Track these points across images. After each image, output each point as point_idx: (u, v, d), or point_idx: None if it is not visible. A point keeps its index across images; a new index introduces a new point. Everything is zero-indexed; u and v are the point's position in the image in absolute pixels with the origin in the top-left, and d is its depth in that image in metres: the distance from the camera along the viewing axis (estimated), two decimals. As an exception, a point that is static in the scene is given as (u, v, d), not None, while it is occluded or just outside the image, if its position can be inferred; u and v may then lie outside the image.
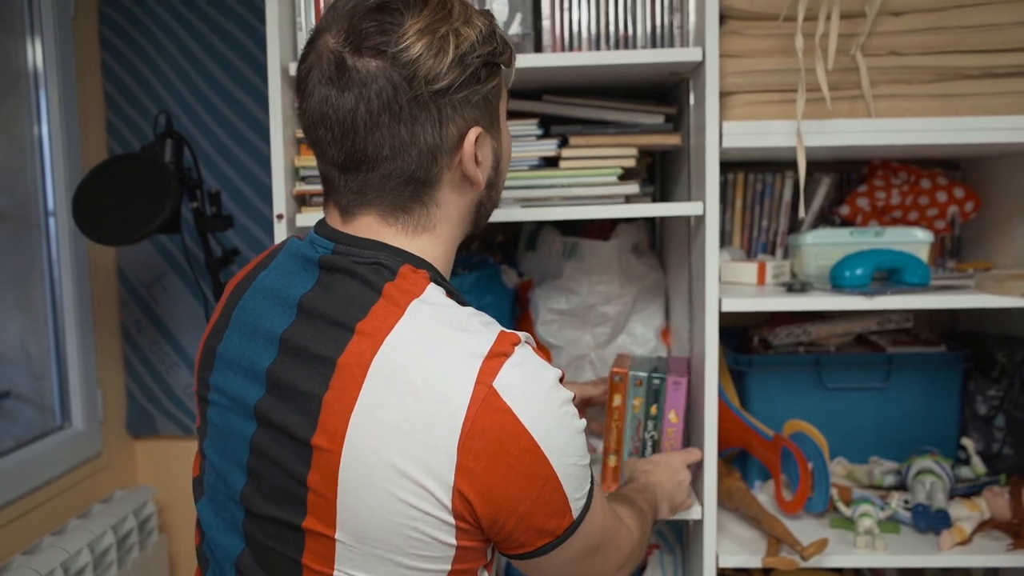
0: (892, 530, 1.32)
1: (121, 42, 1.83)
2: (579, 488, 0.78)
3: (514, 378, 0.74)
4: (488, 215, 0.91)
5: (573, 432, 0.77)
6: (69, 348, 1.75)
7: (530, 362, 0.76)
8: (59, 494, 1.65)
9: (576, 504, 0.78)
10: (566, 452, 0.76)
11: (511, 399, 0.73)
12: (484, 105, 0.82)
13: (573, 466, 0.77)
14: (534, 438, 0.73)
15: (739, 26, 1.21)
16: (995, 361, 1.47)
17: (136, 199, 1.51)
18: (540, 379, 0.76)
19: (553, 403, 0.75)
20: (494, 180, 0.88)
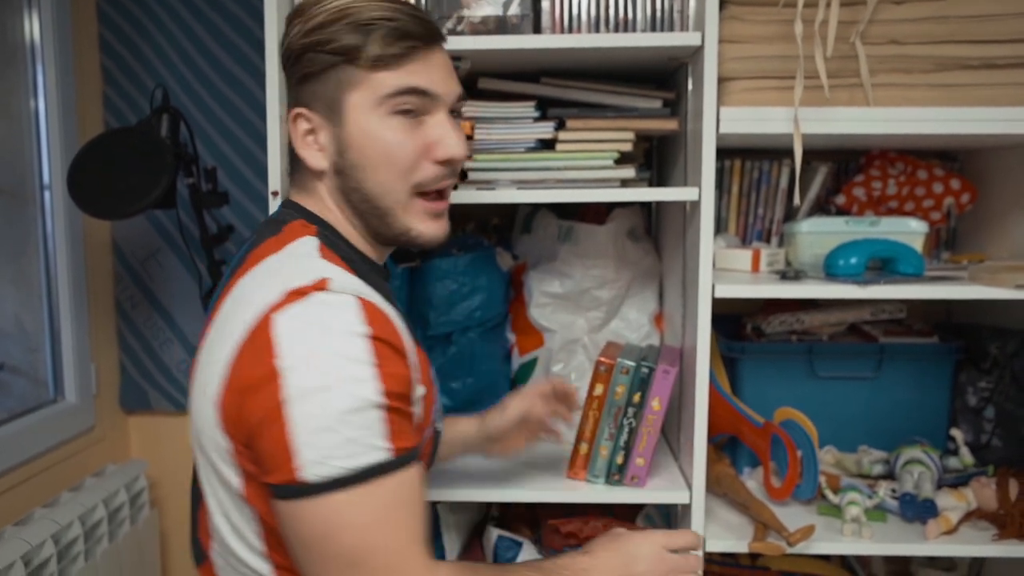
0: (879, 518, 1.33)
1: (119, 16, 1.81)
2: (320, 450, 0.73)
3: (295, 313, 0.76)
4: (365, 208, 0.92)
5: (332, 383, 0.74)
6: (63, 322, 1.75)
7: (323, 309, 0.77)
8: (51, 467, 1.65)
9: (310, 466, 0.73)
10: (311, 399, 0.73)
11: (277, 331, 0.75)
12: (315, 91, 0.90)
13: (318, 419, 0.73)
14: (276, 368, 0.74)
15: (739, 11, 1.20)
16: (987, 353, 1.48)
17: (132, 173, 1.51)
18: (323, 323, 0.76)
19: (320, 349, 0.74)
20: (341, 168, 0.90)
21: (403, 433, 0.78)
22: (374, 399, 0.75)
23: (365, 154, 0.89)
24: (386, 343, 0.78)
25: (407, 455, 0.78)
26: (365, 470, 0.74)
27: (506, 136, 1.26)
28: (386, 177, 0.89)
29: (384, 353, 0.77)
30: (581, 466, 1.31)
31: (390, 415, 0.76)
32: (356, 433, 0.74)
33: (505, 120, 1.27)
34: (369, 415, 0.74)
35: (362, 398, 0.74)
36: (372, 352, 0.76)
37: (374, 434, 0.75)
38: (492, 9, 1.24)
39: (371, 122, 0.88)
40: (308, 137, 0.91)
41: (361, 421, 0.74)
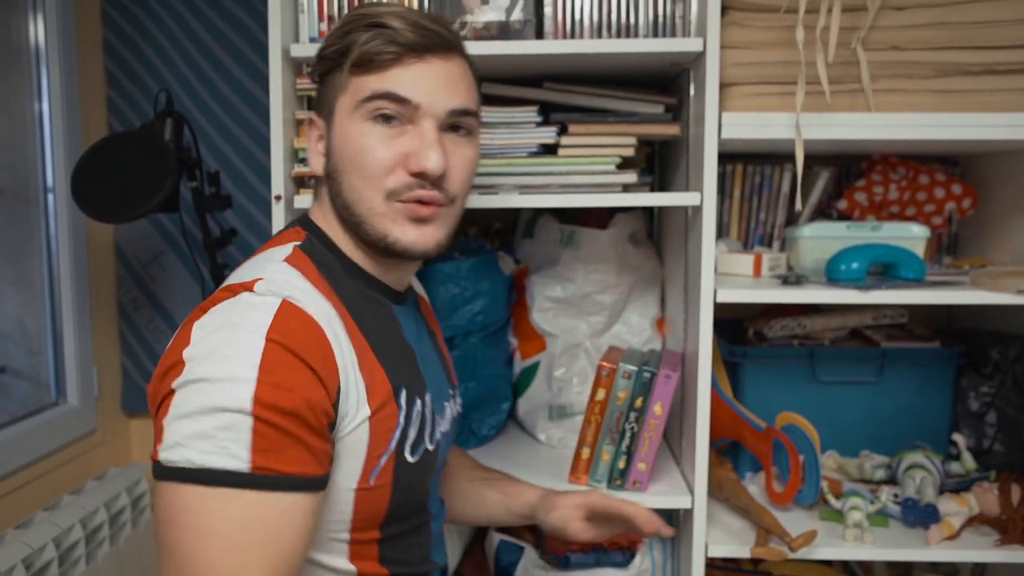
0: (881, 523, 1.33)
1: (123, 19, 1.82)
2: (177, 435, 0.71)
3: (216, 311, 0.77)
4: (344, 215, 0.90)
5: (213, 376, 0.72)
6: (65, 324, 1.75)
7: (242, 308, 0.76)
8: (53, 470, 1.66)
9: (166, 448, 0.71)
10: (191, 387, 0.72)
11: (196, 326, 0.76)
12: (321, 96, 0.93)
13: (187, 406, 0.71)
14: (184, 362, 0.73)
15: (740, 17, 1.20)
16: (989, 358, 1.48)
17: (135, 177, 1.51)
18: (231, 322, 0.75)
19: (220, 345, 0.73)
20: (329, 171, 0.91)
21: (278, 453, 0.72)
22: (244, 405, 0.71)
23: (342, 158, 0.89)
24: (290, 352, 0.74)
25: (276, 479, 0.72)
26: (211, 471, 0.70)
27: (509, 141, 1.27)
28: (358, 182, 0.87)
29: (281, 362, 0.73)
30: (583, 471, 1.32)
31: (261, 427, 0.71)
32: (215, 432, 0.70)
33: (508, 125, 1.27)
34: (234, 419, 0.71)
35: (233, 398, 0.71)
36: (264, 357, 0.72)
37: (235, 441, 0.70)
38: (495, 15, 1.24)
39: (350, 126, 0.88)
40: (318, 143, 0.93)
41: (224, 422, 0.70)
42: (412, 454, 0.89)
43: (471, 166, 0.93)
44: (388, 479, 0.86)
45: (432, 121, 0.87)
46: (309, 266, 0.86)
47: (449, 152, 0.88)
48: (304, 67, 1.27)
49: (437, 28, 0.87)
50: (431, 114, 0.87)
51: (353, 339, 0.83)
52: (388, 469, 0.86)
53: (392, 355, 0.89)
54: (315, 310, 0.79)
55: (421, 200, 0.88)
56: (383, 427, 0.85)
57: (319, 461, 0.76)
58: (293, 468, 0.73)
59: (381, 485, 0.85)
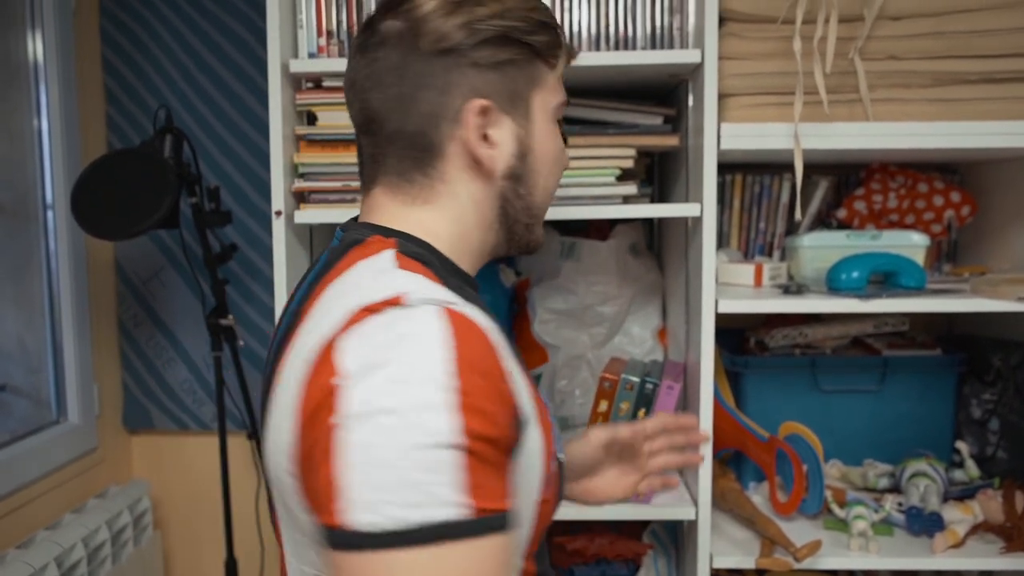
0: (886, 532, 1.33)
1: (122, 36, 1.83)
2: (372, 491, 0.57)
3: (365, 334, 0.62)
4: (521, 218, 0.83)
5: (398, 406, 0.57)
6: (66, 342, 1.75)
7: (402, 326, 0.61)
8: (54, 488, 1.65)
9: (358, 509, 0.57)
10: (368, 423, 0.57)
11: (342, 353, 0.61)
12: (500, 82, 0.77)
13: (374, 450, 0.57)
14: (336, 385, 0.59)
15: (738, 28, 1.21)
16: (990, 365, 1.48)
17: (135, 194, 1.51)
18: (399, 342, 0.60)
19: (388, 366, 0.59)
20: (519, 172, 0.80)
21: (488, 489, 0.59)
22: (450, 437, 0.57)
23: (543, 159, 0.82)
24: (475, 366, 0.61)
25: (492, 519, 0.59)
26: (428, 528, 0.56)
27: (508, 154, 1.27)
28: (552, 185, 0.85)
29: (473, 379, 0.60)
30: (586, 482, 1.31)
31: (471, 461, 0.58)
32: (420, 476, 0.57)
33: (507, 138, 1.27)
34: (441, 456, 0.57)
35: (434, 432, 0.57)
36: (456, 376, 0.59)
37: (445, 483, 0.57)
38: (493, 28, 1.25)
39: (548, 127, 0.82)
40: (494, 131, 0.78)
41: (429, 462, 0.57)
42: (561, 451, 0.82)
43: None
44: (555, 486, 0.77)
45: None
46: (422, 268, 0.72)
47: None
48: (304, 82, 1.27)
49: None
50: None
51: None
52: (555, 475, 0.77)
53: (516, 355, 0.78)
54: (476, 315, 0.66)
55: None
56: (546, 428, 0.75)
57: (510, 490, 0.64)
58: (501, 503, 0.60)
59: (553, 493, 0.77)
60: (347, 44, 1.27)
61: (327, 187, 1.24)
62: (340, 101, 1.23)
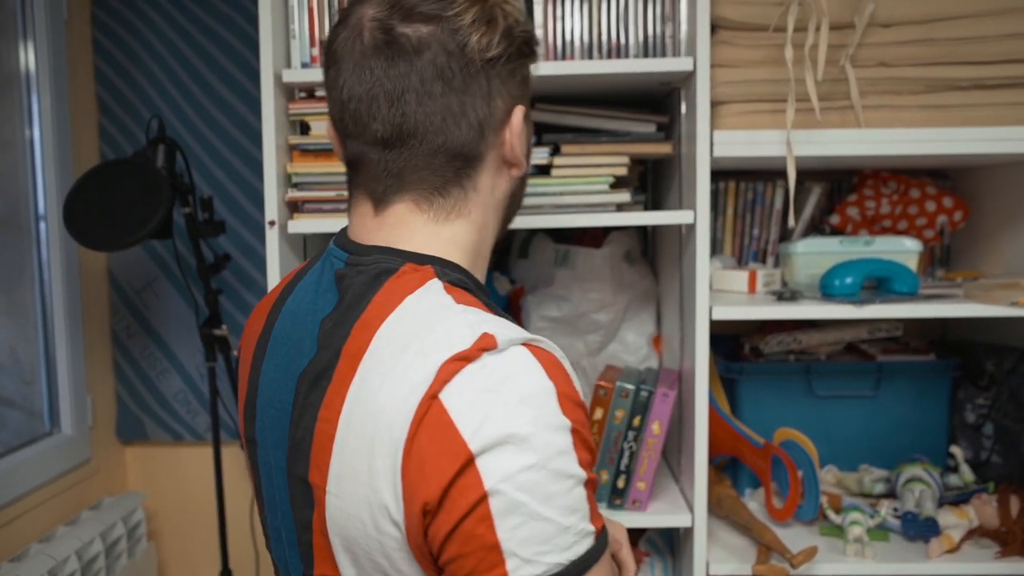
0: (881, 538, 1.33)
1: (114, 46, 1.83)
2: (531, 546, 0.59)
3: (467, 385, 0.61)
4: (516, 211, 0.85)
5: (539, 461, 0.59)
6: (59, 353, 1.74)
7: (501, 369, 0.62)
8: (47, 500, 1.64)
9: (520, 567, 0.59)
10: (514, 481, 0.59)
11: (456, 410, 0.60)
12: (524, 85, 0.79)
13: (527, 508, 0.59)
14: (472, 452, 0.59)
15: (730, 36, 1.21)
16: (984, 370, 1.48)
17: (128, 204, 1.51)
18: (505, 388, 0.61)
19: (515, 421, 0.60)
20: (525, 169, 0.82)
21: (597, 507, 0.65)
22: (579, 473, 0.61)
23: (526, 150, 0.82)
24: (574, 400, 0.64)
25: (605, 535, 0.65)
26: (575, 563, 0.61)
27: (502, 162, 1.27)
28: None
29: (575, 414, 0.63)
30: (582, 491, 1.31)
31: (589, 490, 0.63)
32: (567, 519, 0.60)
33: (500, 146, 1.27)
34: (576, 494, 0.61)
35: (569, 474, 0.61)
36: (565, 415, 0.62)
37: (582, 516, 0.62)
38: (486, 37, 1.25)
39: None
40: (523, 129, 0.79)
41: (570, 503, 0.61)
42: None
43: None
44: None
45: None
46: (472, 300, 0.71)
47: None
48: (296, 92, 1.27)
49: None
50: None
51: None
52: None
53: None
54: (550, 344, 0.68)
55: None
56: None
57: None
58: (602, 520, 0.66)
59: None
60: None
61: (320, 197, 1.24)
62: (333, 111, 1.23)
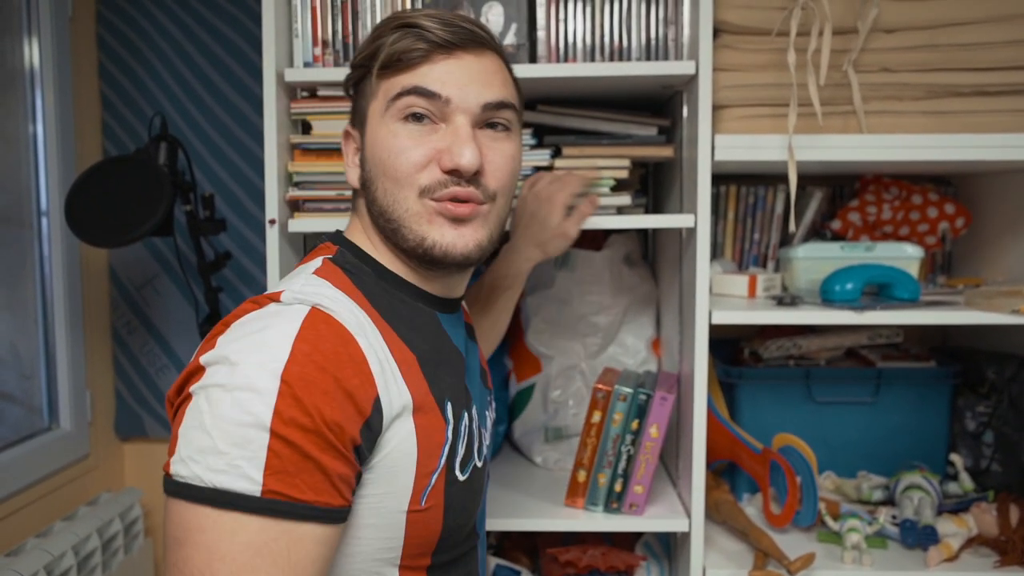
0: (879, 545, 1.32)
1: (118, 44, 1.83)
2: (189, 448, 0.66)
3: (245, 320, 0.73)
4: (380, 223, 0.85)
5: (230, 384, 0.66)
6: (58, 348, 1.74)
7: (272, 316, 0.72)
8: (45, 495, 1.64)
9: (177, 461, 0.66)
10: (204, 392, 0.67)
11: (223, 335, 0.72)
12: (354, 108, 0.91)
13: (201, 416, 0.66)
14: (200, 363, 0.69)
15: (732, 40, 1.21)
16: (985, 377, 1.48)
17: (129, 201, 1.51)
18: (260, 326, 0.71)
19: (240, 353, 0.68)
20: (364, 181, 0.87)
21: (294, 477, 0.66)
22: (262, 420, 0.65)
23: (375, 163, 0.84)
24: (318, 364, 0.68)
25: (290, 506, 0.66)
26: (218, 492, 0.64)
27: (503, 163, 1.27)
28: (392, 185, 0.83)
29: (307, 374, 0.67)
30: (579, 494, 1.31)
31: (278, 446, 0.65)
32: (228, 448, 0.64)
33: (502, 147, 1.27)
34: (250, 435, 0.65)
35: (250, 412, 0.65)
36: (288, 367, 0.67)
37: (248, 460, 0.64)
38: (488, 38, 1.25)
39: (381, 129, 0.84)
40: (354, 156, 0.90)
41: (238, 437, 0.65)
42: (462, 472, 0.83)
43: (512, 163, 0.88)
44: (439, 500, 0.80)
45: (465, 116, 0.83)
46: (340, 276, 0.81)
47: (486, 148, 0.84)
48: (298, 91, 1.28)
49: (468, 25, 0.84)
50: (463, 109, 0.83)
51: (393, 348, 0.78)
52: (439, 489, 0.80)
53: (437, 367, 0.83)
54: (347, 317, 0.74)
55: (457, 197, 0.82)
56: (430, 441, 0.79)
57: (338, 490, 0.69)
58: (308, 496, 0.66)
59: (432, 507, 0.79)
60: (342, 54, 1.27)
61: (321, 196, 1.24)
62: (335, 110, 1.23)
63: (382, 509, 0.76)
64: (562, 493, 1.33)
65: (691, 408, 1.25)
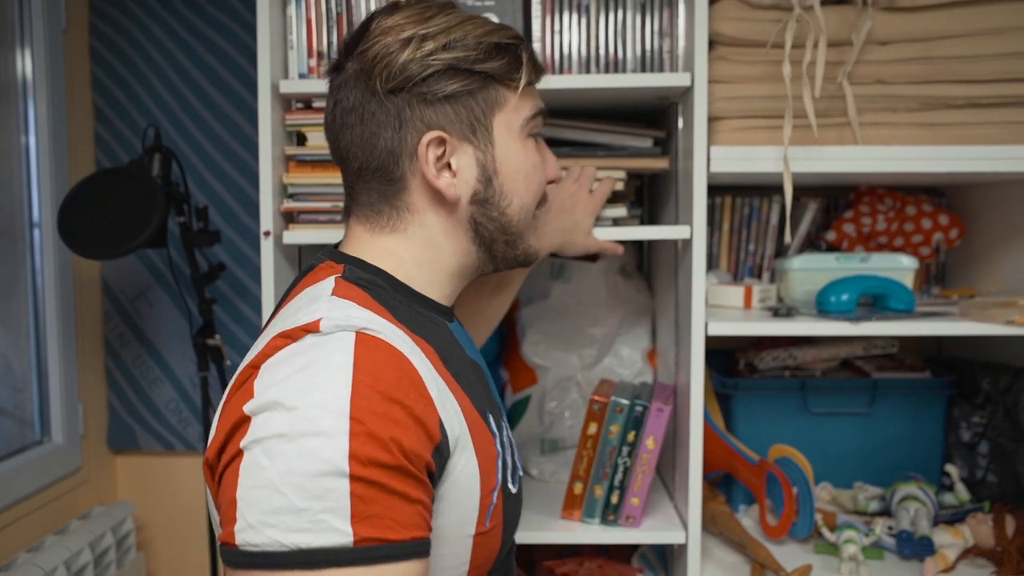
0: (876, 556, 1.32)
1: (111, 55, 1.82)
2: (257, 512, 0.60)
3: (282, 359, 0.66)
4: (498, 237, 0.85)
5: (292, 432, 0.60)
6: (51, 361, 1.73)
7: (315, 350, 0.65)
8: (37, 509, 1.63)
9: (243, 528, 0.60)
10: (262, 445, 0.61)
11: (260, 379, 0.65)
12: (454, 112, 0.80)
13: (264, 473, 0.60)
14: (245, 413, 0.63)
15: (727, 52, 1.21)
16: (979, 388, 1.48)
17: (123, 213, 1.50)
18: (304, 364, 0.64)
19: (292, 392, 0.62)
20: (485, 196, 0.83)
21: (384, 518, 0.61)
22: (339, 465, 0.59)
23: (512, 178, 0.84)
24: (381, 392, 0.63)
25: (386, 549, 0.61)
26: (306, 552, 0.58)
27: (498, 175, 1.27)
28: (528, 200, 0.87)
29: (374, 406, 0.62)
30: (576, 506, 1.30)
31: (362, 489, 0.60)
32: (306, 503, 0.59)
33: (497, 159, 1.27)
34: (328, 484, 0.59)
35: (323, 459, 0.59)
36: (353, 402, 0.61)
37: (331, 511, 0.59)
38: (484, 50, 1.25)
39: (516, 145, 0.85)
40: (440, 164, 0.81)
41: (316, 489, 0.59)
42: (514, 484, 0.81)
43: None
44: (499, 518, 0.77)
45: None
46: (360, 294, 0.76)
47: None
48: (293, 103, 1.27)
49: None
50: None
51: (434, 364, 0.74)
52: (499, 507, 0.77)
53: (468, 377, 0.81)
54: (394, 338, 0.69)
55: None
56: (487, 458, 0.75)
57: (425, 520, 0.65)
58: (403, 534, 0.62)
59: (495, 526, 0.76)
60: (337, 65, 1.27)
61: (316, 207, 1.24)
62: (330, 121, 1.23)
63: (451, 537, 0.72)
64: (558, 505, 1.33)
65: (687, 419, 1.24)
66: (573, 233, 1.19)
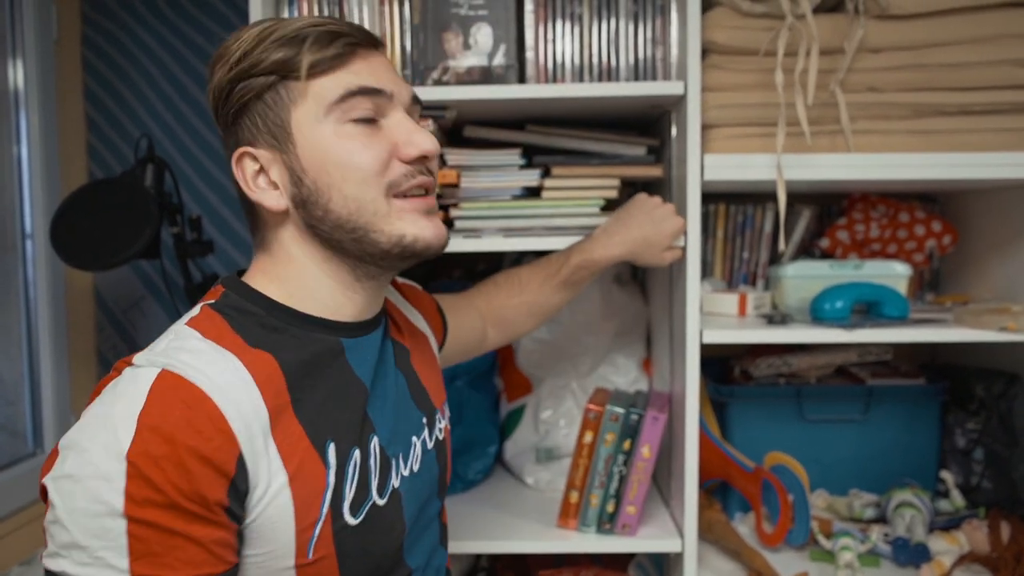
0: (872, 563, 1.32)
1: (104, 66, 1.82)
2: (54, 544, 0.65)
3: (99, 397, 0.70)
4: (338, 236, 0.80)
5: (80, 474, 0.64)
6: (43, 373, 1.72)
7: (121, 385, 0.69)
8: (30, 522, 1.61)
9: (48, 555, 0.66)
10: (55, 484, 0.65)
11: (79, 420, 0.69)
12: (253, 124, 0.79)
13: (57, 511, 0.65)
14: (56, 447, 0.68)
15: (721, 60, 1.22)
16: (973, 394, 1.48)
17: (115, 224, 1.50)
18: (105, 401, 0.68)
19: (87, 435, 0.66)
20: (303, 197, 0.79)
21: (163, 556, 0.64)
22: (115, 506, 0.63)
23: (326, 171, 0.78)
24: (165, 436, 0.65)
25: None
26: None
27: (492, 184, 1.27)
28: (354, 188, 0.78)
29: (153, 452, 0.64)
30: (572, 515, 1.30)
31: (137, 529, 0.63)
32: (87, 541, 0.63)
33: (491, 168, 1.27)
34: (106, 524, 0.63)
35: (102, 501, 0.63)
36: (133, 447, 0.64)
37: (109, 549, 0.63)
38: (477, 60, 1.25)
39: (323, 135, 0.78)
40: (259, 178, 0.80)
41: (96, 528, 0.63)
42: (354, 515, 0.79)
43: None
44: (330, 549, 0.76)
45: (402, 110, 0.82)
46: (217, 322, 0.76)
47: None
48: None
49: (358, 25, 0.83)
50: (401, 103, 0.82)
51: (267, 396, 0.73)
52: (326, 538, 0.76)
53: (323, 405, 0.78)
54: (201, 376, 0.69)
55: (424, 187, 0.82)
56: (307, 490, 0.74)
57: (217, 556, 0.67)
58: (184, 571, 0.65)
59: (323, 557, 0.76)
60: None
61: (310, 217, 1.23)
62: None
63: (268, 568, 0.73)
64: (554, 514, 1.32)
65: (683, 427, 1.24)
66: (651, 245, 1.21)
